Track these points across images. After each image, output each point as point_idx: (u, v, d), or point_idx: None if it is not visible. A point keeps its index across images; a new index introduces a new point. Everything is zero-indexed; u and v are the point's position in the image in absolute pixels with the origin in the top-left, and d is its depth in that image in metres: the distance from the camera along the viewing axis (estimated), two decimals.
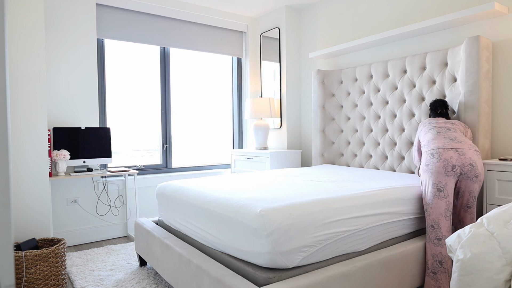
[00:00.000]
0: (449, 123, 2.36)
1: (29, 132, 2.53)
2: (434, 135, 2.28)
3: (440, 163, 2.09)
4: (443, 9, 2.85)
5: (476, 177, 2.09)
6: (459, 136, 2.23)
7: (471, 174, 2.08)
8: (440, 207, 2.08)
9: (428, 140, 2.27)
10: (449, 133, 2.26)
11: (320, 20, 3.96)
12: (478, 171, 2.08)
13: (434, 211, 2.09)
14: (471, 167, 2.07)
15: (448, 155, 2.10)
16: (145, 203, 3.81)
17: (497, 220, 1.25)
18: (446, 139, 2.20)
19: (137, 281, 2.45)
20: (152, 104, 3.95)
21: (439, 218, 2.08)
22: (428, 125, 2.42)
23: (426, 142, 2.28)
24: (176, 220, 2.34)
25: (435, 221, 2.09)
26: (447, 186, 2.08)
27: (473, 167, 2.07)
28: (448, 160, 2.08)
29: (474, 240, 1.20)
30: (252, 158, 3.94)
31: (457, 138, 2.21)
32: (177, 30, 3.97)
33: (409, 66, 2.93)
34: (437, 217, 2.08)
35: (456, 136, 2.22)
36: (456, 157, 2.08)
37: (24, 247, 2.27)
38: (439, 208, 2.08)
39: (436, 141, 2.21)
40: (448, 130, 2.29)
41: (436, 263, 2.06)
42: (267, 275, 1.58)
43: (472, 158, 2.09)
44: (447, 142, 2.17)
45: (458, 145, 2.14)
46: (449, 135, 2.24)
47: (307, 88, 4.17)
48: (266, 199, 1.82)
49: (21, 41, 2.49)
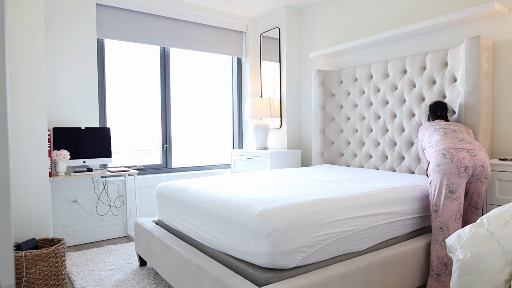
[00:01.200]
0: (452, 125, 2.35)
1: (29, 132, 2.53)
2: (442, 135, 2.24)
3: (453, 164, 2.04)
4: (443, 9, 2.85)
5: (486, 179, 2.08)
6: (466, 137, 2.20)
7: (482, 175, 2.06)
8: (451, 209, 2.04)
9: (437, 140, 2.23)
10: (456, 134, 2.23)
11: (320, 20, 3.96)
12: (488, 173, 2.07)
13: (445, 213, 2.05)
14: (483, 168, 2.05)
15: (460, 156, 2.05)
16: (145, 203, 3.81)
17: (497, 220, 1.25)
18: (455, 140, 2.16)
19: (137, 281, 2.45)
20: (152, 104, 3.95)
21: (449, 220, 2.04)
22: (430, 127, 2.39)
23: (434, 142, 2.24)
24: (176, 220, 2.34)
25: (444, 223, 2.05)
26: (459, 188, 2.04)
27: (484, 169, 2.06)
28: (460, 161, 2.04)
29: (474, 240, 1.20)
30: (252, 158, 3.94)
31: (465, 139, 2.18)
32: (177, 30, 3.97)
33: (409, 66, 2.93)
34: (447, 219, 2.04)
35: (464, 137, 2.19)
36: (468, 158, 2.05)
37: (24, 247, 2.27)
38: (450, 210, 2.04)
39: (445, 141, 2.17)
40: (454, 131, 2.26)
41: (441, 265, 2.04)
42: (267, 275, 1.58)
43: (483, 159, 2.07)
44: (457, 143, 2.13)
45: (469, 146, 2.10)
46: (456, 136, 2.21)
47: (307, 88, 4.17)
48: (266, 199, 1.82)
49: (21, 41, 2.49)
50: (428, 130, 2.39)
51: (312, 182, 2.40)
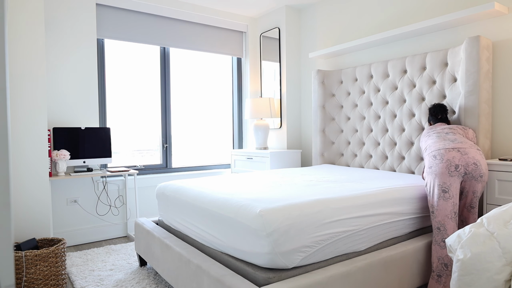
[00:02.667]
0: (447, 128, 2.39)
1: (29, 132, 2.53)
2: (434, 139, 2.30)
3: (443, 164, 2.08)
4: (443, 9, 2.85)
5: (481, 177, 2.08)
6: (459, 138, 2.24)
7: (476, 173, 2.07)
8: (446, 209, 2.06)
9: (429, 144, 2.29)
10: (449, 135, 2.27)
11: (320, 20, 3.96)
12: (483, 171, 2.08)
13: (440, 213, 2.07)
14: (475, 166, 2.07)
15: (450, 156, 2.09)
16: (145, 203, 3.81)
17: (497, 220, 1.25)
18: (446, 141, 2.21)
19: (137, 281, 2.45)
20: (152, 104, 3.95)
21: (444, 220, 2.06)
22: (429, 132, 2.44)
23: (428, 146, 2.30)
24: (176, 220, 2.34)
25: (441, 223, 2.07)
26: (452, 187, 2.06)
27: (477, 166, 2.07)
28: (450, 160, 2.07)
29: (474, 240, 1.20)
30: (252, 158, 3.94)
31: (457, 139, 2.21)
32: (177, 30, 3.97)
33: (409, 66, 2.93)
34: (442, 219, 2.06)
35: (455, 138, 2.23)
36: (458, 157, 2.08)
37: (24, 247, 2.27)
38: (444, 209, 2.06)
39: (437, 144, 2.22)
40: (446, 134, 2.30)
41: (441, 266, 2.04)
42: (267, 275, 1.58)
43: (475, 157, 2.08)
44: (447, 144, 2.17)
45: (460, 145, 2.14)
46: (448, 137, 2.25)
47: (307, 88, 4.17)
48: (266, 199, 1.82)
49: (21, 41, 2.49)
50: (425, 137, 2.44)
51: (312, 182, 2.40)
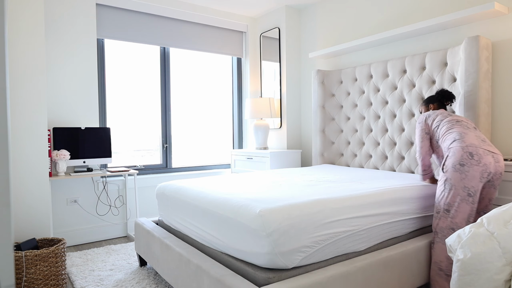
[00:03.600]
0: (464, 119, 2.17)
1: (29, 132, 2.53)
2: (464, 129, 2.07)
3: (479, 168, 1.93)
4: (443, 9, 2.85)
5: (498, 186, 2.06)
6: (486, 139, 2.08)
7: (497, 183, 2.03)
8: (466, 212, 1.97)
9: (460, 133, 2.05)
10: (477, 132, 2.09)
11: (320, 20, 3.96)
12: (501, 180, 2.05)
13: (459, 215, 1.98)
14: (500, 176, 2.01)
15: (487, 160, 1.94)
16: (145, 203, 3.81)
17: (497, 220, 1.25)
18: (478, 138, 2.03)
19: (137, 281, 2.45)
20: (152, 104, 3.95)
21: (462, 223, 1.99)
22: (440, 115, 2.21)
23: (457, 135, 2.05)
24: (176, 220, 2.34)
25: (457, 225, 1.99)
26: (478, 192, 1.97)
27: (501, 176, 2.02)
28: (487, 166, 1.94)
29: (474, 240, 1.20)
30: (252, 158, 3.94)
31: (486, 140, 2.06)
32: (177, 30, 3.97)
33: (408, 66, 2.93)
34: (460, 221, 1.98)
35: (484, 138, 2.07)
36: (493, 164, 1.96)
37: (24, 247, 2.27)
38: (464, 212, 1.97)
39: (470, 137, 2.02)
40: (475, 128, 2.12)
41: (451, 265, 2.02)
42: (267, 275, 1.58)
43: (503, 167, 2.01)
44: (481, 143, 2.00)
45: (493, 149, 2.00)
46: (477, 134, 2.07)
47: (307, 88, 4.17)
48: (266, 200, 1.82)
49: (21, 41, 2.49)
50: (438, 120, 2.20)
51: (312, 182, 2.40)
